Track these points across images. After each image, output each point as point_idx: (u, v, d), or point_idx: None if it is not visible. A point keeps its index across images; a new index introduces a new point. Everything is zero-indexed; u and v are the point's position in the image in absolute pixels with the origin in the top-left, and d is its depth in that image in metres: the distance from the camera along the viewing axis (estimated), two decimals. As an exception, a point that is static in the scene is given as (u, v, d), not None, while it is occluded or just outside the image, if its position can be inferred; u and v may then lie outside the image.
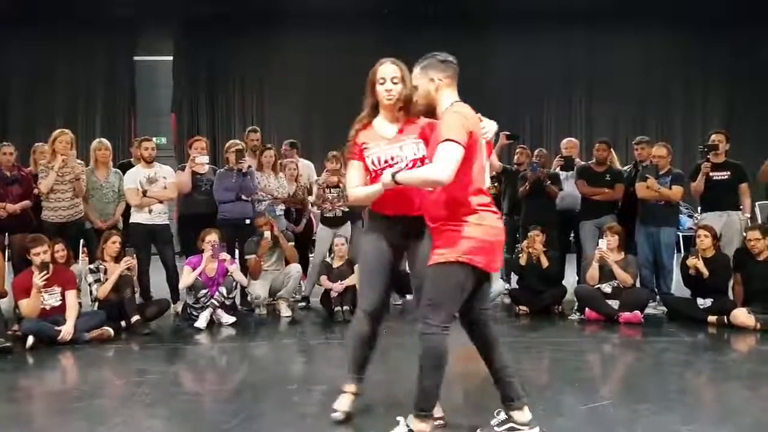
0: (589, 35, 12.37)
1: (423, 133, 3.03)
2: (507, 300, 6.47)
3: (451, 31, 12.38)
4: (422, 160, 2.97)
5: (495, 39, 12.57)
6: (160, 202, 6.09)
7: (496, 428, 2.97)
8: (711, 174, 6.08)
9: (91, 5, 11.73)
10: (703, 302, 5.59)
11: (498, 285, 6.09)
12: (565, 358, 4.59)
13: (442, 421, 3.08)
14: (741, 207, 6.17)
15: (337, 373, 4.13)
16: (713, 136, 6.28)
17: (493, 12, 12.09)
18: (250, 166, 6.32)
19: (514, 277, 6.75)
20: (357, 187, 3.09)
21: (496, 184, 7.34)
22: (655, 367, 4.39)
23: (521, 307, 6.07)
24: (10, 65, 12.34)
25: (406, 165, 2.97)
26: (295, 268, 6.19)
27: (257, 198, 6.38)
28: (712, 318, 5.47)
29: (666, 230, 6.20)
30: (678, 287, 6.23)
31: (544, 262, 6.06)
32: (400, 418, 2.98)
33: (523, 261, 6.14)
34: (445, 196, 2.77)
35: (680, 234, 7.07)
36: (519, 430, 2.93)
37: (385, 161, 3.02)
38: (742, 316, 5.27)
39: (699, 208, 6.99)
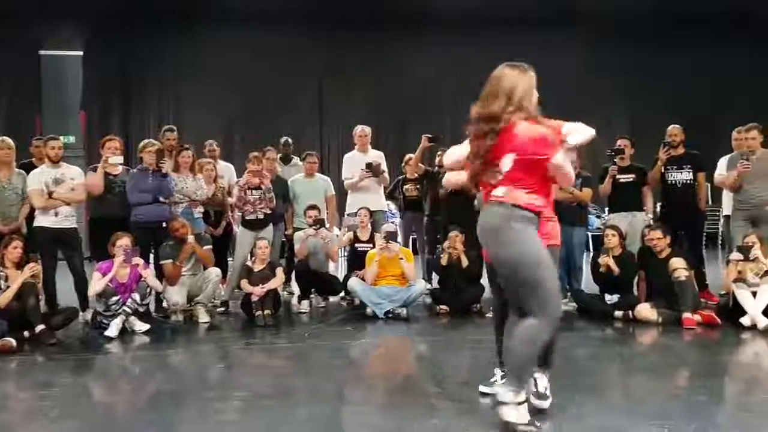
0: (509, 41, 12.66)
1: None
2: (428, 300, 6.56)
3: (374, 32, 12.47)
4: None
5: (418, 41, 12.74)
6: (68, 204, 5.80)
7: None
8: (617, 177, 6.40)
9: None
10: (610, 298, 5.89)
11: (419, 285, 6.17)
12: (484, 356, 4.67)
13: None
14: (645, 208, 6.55)
15: (257, 380, 4.10)
16: (619, 141, 6.62)
17: (416, 14, 12.25)
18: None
19: (435, 277, 6.87)
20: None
21: (417, 186, 7.47)
22: (566, 362, 4.55)
23: (442, 306, 6.18)
24: None
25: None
26: (214, 272, 6.05)
27: (174, 201, 6.20)
28: (618, 313, 5.75)
29: (577, 230, 6.49)
30: (587, 284, 6.51)
31: (464, 262, 6.19)
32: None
33: (444, 261, 6.25)
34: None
35: (589, 233, 7.38)
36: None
37: None
38: (645, 311, 5.56)
39: (606, 209, 7.33)
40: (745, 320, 5.30)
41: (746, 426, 2.99)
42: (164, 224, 6.00)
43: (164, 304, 6.04)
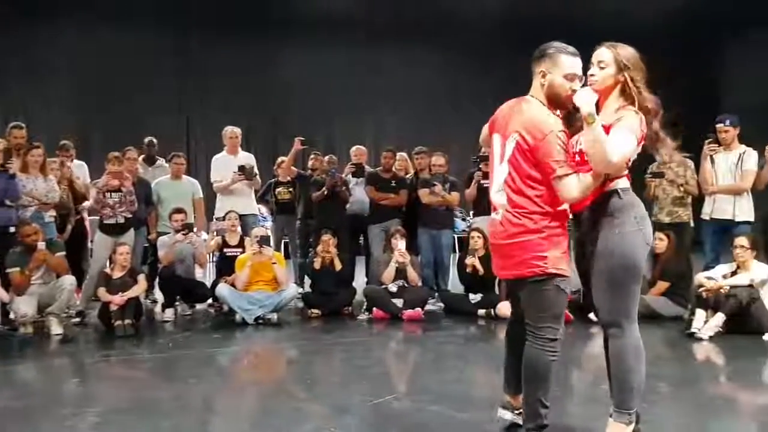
0: (374, 44, 12.94)
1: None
2: (300, 304, 6.53)
3: (245, 33, 12.25)
4: None
5: (289, 43, 12.65)
6: None
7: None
8: (482, 182, 6.71)
9: None
10: (474, 297, 6.17)
11: (291, 289, 6.12)
12: (353, 357, 4.76)
13: None
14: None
15: (116, 393, 3.89)
16: (484, 148, 6.94)
17: (287, 17, 12.17)
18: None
19: (307, 281, 6.86)
20: None
21: (290, 189, 7.42)
22: (434, 360, 4.73)
23: (314, 310, 6.17)
24: None
25: None
26: (68, 280, 5.63)
27: (22, 204, 5.72)
28: (481, 311, 6.04)
29: (445, 232, 6.77)
30: (453, 284, 6.78)
31: (338, 265, 6.23)
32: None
33: (317, 265, 6.25)
34: None
35: (455, 236, 7.70)
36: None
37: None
38: (505, 308, 5.85)
39: (471, 212, 7.66)
40: (593, 315, 5.73)
41: (594, 415, 3.23)
42: (11, 229, 5.52)
43: (12, 316, 5.56)
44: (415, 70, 13.17)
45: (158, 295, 6.65)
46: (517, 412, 2.95)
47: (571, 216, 2.80)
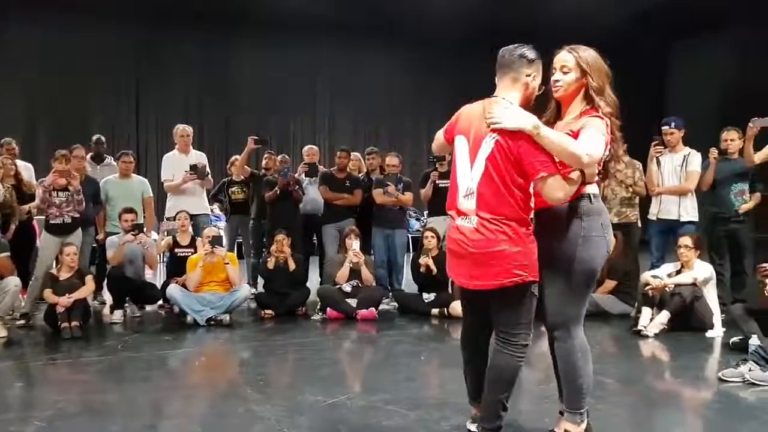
0: (333, 46, 12.90)
1: None
2: (253, 305, 6.46)
3: (196, 31, 12.08)
4: None
5: (243, 42, 12.53)
6: None
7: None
8: (438, 182, 6.77)
9: None
10: (428, 296, 6.21)
11: (243, 290, 6.05)
12: (307, 357, 4.74)
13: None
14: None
15: (63, 397, 3.77)
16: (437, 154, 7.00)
17: (239, 15, 12.02)
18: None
19: (260, 281, 6.80)
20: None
21: (244, 189, 7.35)
22: (387, 359, 4.75)
23: (267, 310, 6.12)
24: None
25: None
26: (13, 281, 5.44)
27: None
28: (435, 310, 6.09)
29: (399, 232, 6.81)
30: (407, 283, 6.82)
31: (291, 266, 6.19)
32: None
33: (270, 265, 6.20)
34: None
35: (409, 236, 7.75)
36: None
37: None
38: (458, 307, 5.91)
39: (426, 212, 7.73)
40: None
41: (545, 411, 3.30)
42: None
43: (-50, 320, 5.35)
44: (370, 70, 13.21)
45: (107, 296, 6.49)
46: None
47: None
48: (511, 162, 2.53)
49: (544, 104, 2.78)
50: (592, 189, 2.68)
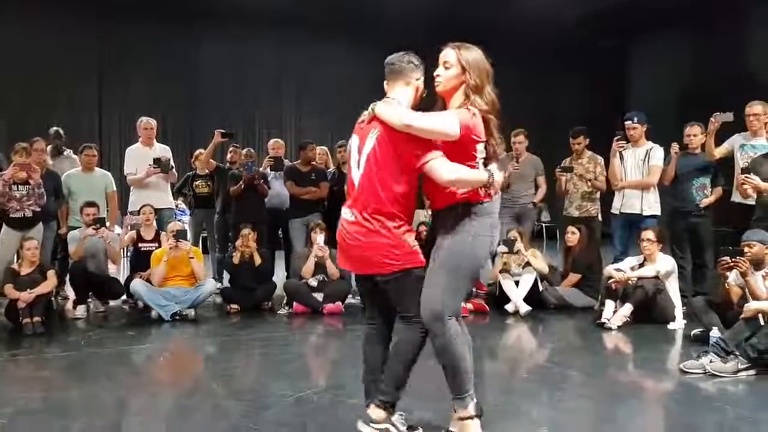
0: (300, 40, 12.81)
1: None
2: (218, 299, 6.40)
3: (160, 26, 11.92)
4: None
5: (209, 35, 12.39)
6: None
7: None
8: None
9: None
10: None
11: (209, 285, 6.00)
12: (273, 352, 4.72)
13: None
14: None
15: (24, 394, 3.70)
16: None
17: (202, 9, 11.88)
18: None
19: (225, 276, 6.74)
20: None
21: (209, 182, 7.26)
22: (352, 354, 4.71)
23: (232, 305, 6.07)
24: None
25: None
26: (-30, 277, 5.33)
27: None
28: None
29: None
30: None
31: (257, 260, 6.15)
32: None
33: (236, 260, 6.15)
34: None
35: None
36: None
37: None
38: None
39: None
40: (509, 307, 5.93)
41: (509, 403, 3.35)
42: None
43: None
44: (336, 64, 13.14)
45: (69, 291, 6.36)
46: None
47: (429, 212, 2.89)
48: (391, 156, 2.66)
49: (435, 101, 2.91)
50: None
